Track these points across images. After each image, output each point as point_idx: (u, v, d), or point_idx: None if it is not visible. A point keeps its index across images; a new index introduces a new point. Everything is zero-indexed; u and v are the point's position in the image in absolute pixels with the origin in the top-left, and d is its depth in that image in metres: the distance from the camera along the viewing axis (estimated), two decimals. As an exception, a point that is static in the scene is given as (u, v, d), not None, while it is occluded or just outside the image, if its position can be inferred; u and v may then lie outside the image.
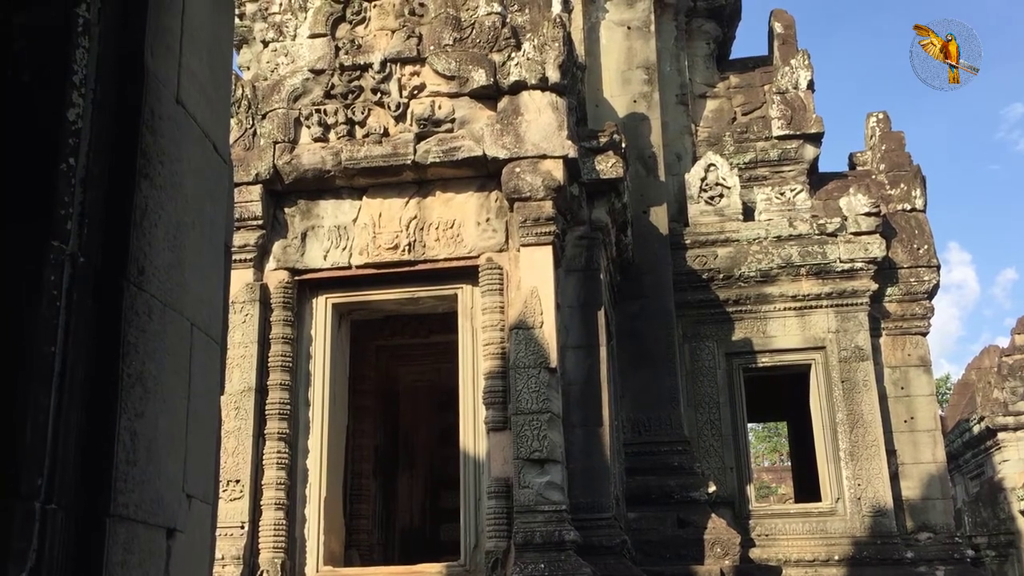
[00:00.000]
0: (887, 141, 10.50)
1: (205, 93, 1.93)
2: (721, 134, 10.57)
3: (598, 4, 10.22)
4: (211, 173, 1.96)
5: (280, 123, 7.36)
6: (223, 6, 2.07)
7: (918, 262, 9.90)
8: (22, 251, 1.46)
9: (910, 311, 9.90)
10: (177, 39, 1.82)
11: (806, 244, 9.71)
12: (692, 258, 9.82)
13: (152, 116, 1.70)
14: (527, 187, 7.00)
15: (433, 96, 7.35)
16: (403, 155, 7.18)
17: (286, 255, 7.34)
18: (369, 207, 7.40)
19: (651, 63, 10.07)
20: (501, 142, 7.10)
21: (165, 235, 1.72)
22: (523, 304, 6.93)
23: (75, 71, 1.55)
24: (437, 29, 7.39)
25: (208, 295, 1.93)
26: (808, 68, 10.35)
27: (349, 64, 7.41)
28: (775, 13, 10.99)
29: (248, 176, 7.25)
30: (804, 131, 10.21)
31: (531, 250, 7.10)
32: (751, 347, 9.80)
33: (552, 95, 7.25)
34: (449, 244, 7.26)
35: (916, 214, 10.14)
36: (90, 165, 1.56)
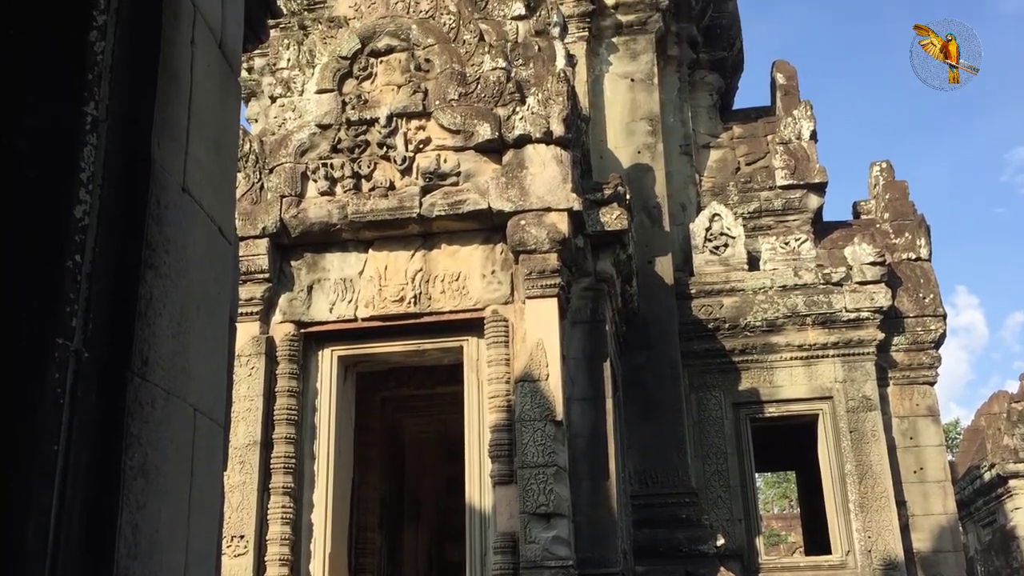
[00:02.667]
0: (891, 190, 10.54)
1: (211, 178, 1.96)
2: (725, 184, 10.63)
3: (602, 57, 10.34)
4: (216, 257, 1.98)
5: (287, 177, 7.43)
6: (230, 92, 2.10)
7: (924, 311, 9.89)
8: (26, 349, 1.47)
9: (917, 360, 9.87)
10: (184, 128, 1.85)
11: (812, 294, 9.71)
12: (698, 308, 9.82)
13: (158, 206, 1.72)
14: (532, 240, 7.03)
15: (439, 150, 7.41)
16: (409, 208, 7.23)
17: (292, 308, 7.37)
18: (375, 260, 7.44)
19: (655, 114, 10.16)
20: (506, 195, 7.15)
21: (170, 323, 1.74)
22: (529, 356, 6.93)
23: (83, 168, 1.58)
24: (443, 84, 7.48)
25: (212, 378, 1.94)
26: (811, 119, 10.43)
27: (356, 119, 7.49)
28: (777, 64, 11.10)
29: (255, 230, 7.30)
30: (808, 181, 10.26)
31: (536, 302, 7.11)
32: (758, 397, 9.76)
33: (556, 148, 7.31)
34: (455, 297, 7.29)
35: (921, 263, 10.14)
36: (96, 260, 1.58)
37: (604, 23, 10.36)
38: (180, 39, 1.86)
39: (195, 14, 1.94)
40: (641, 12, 10.28)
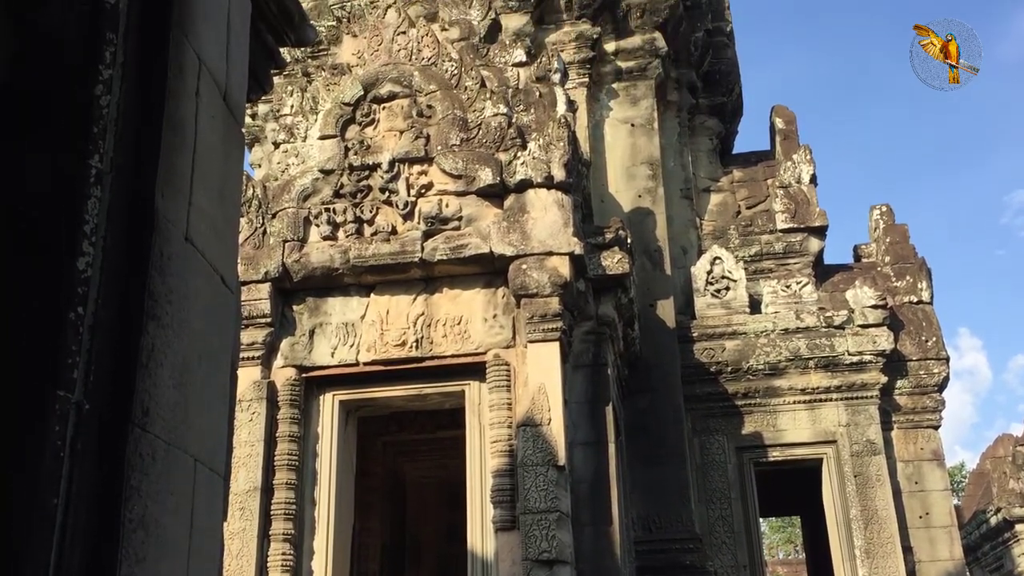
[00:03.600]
0: (891, 234, 10.58)
1: (214, 227, 1.97)
2: (726, 227, 10.67)
3: (602, 103, 10.44)
4: (218, 306, 1.98)
5: (290, 222, 7.46)
6: (233, 142, 2.12)
7: (927, 355, 9.86)
8: (27, 401, 1.47)
9: (921, 404, 9.82)
10: (187, 179, 1.87)
11: (814, 337, 9.70)
12: (700, 351, 9.80)
13: (161, 257, 1.73)
14: (534, 284, 7.04)
15: (440, 195, 7.45)
16: (411, 253, 7.25)
17: (294, 352, 7.36)
18: (377, 304, 7.45)
19: (655, 159, 10.23)
20: (508, 239, 7.17)
21: (171, 374, 1.74)
22: (531, 401, 6.91)
23: (86, 221, 1.59)
24: (444, 130, 7.54)
25: (213, 428, 1.93)
26: (810, 163, 10.50)
27: (358, 164, 7.54)
28: (776, 109, 11.20)
29: (257, 274, 7.32)
30: (808, 224, 10.31)
31: (538, 346, 7.10)
32: (762, 441, 9.71)
33: (558, 193, 7.35)
34: (456, 341, 7.28)
35: (923, 306, 10.14)
36: (98, 312, 1.59)
37: (604, 69, 10.47)
38: (185, 91, 1.88)
39: (200, 66, 1.96)
40: (641, 58, 10.40)
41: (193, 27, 1.94)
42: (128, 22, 1.74)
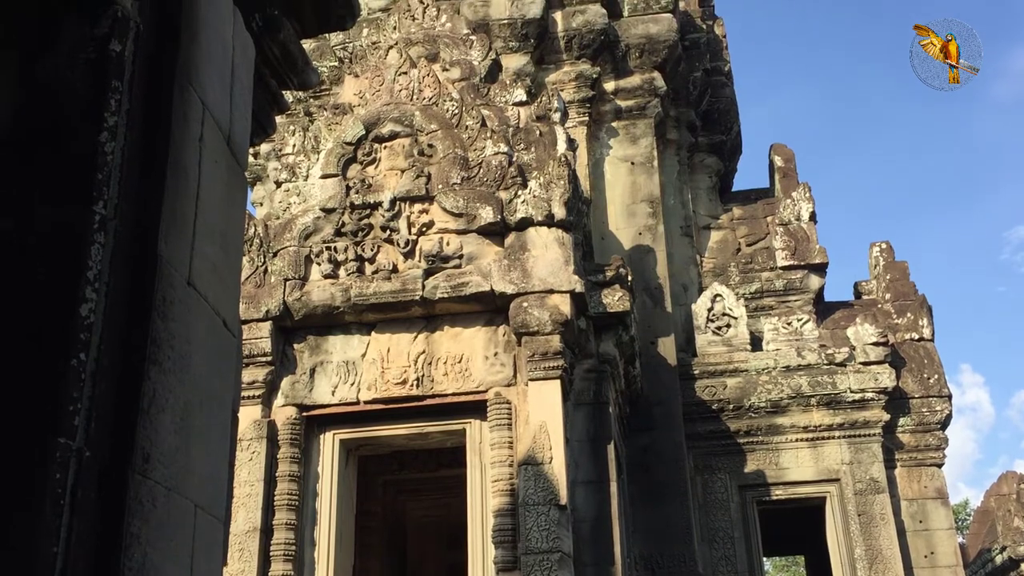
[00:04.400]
0: (891, 271, 10.59)
1: (216, 271, 1.98)
2: (726, 265, 10.69)
3: (602, 141, 10.50)
4: (220, 349, 1.98)
5: (291, 260, 7.48)
6: (236, 186, 2.14)
7: (929, 392, 9.84)
8: (28, 448, 1.47)
9: (924, 442, 9.78)
10: (191, 224, 1.88)
11: (815, 374, 9.68)
12: (701, 389, 9.78)
13: (164, 302, 1.74)
14: (535, 322, 7.04)
15: (441, 233, 7.48)
16: (411, 291, 7.25)
17: (294, 391, 7.34)
18: (378, 342, 7.44)
19: (655, 196, 10.28)
20: (508, 277, 7.18)
21: (172, 419, 1.74)
22: (532, 439, 6.88)
23: (90, 267, 1.59)
24: (445, 168, 7.58)
25: (213, 472, 1.93)
26: (809, 200, 10.55)
27: (359, 203, 7.57)
28: (775, 147, 11.27)
29: (258, 313, 7.32)
30: (808, 262, 10.32)
31: (539, 384, 7.08)
32: (764, 479, 9.64)
33: (558, 231, 7.37)
34: (457, 379, 7.27)
35: (924, 343, 10.13)
36: (100, 358, 1.59)
37: (604, 108, 10.55)
38: (189, 137, 1.89)
39: (204, 112, 1.98)
40: (640, 98, 10.48)
41: (197, 74, 1.96)
42: (133, 70, 1.76)
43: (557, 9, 10.42)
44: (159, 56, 1.85)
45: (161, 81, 1.84)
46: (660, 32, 10.45)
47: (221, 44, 2.11)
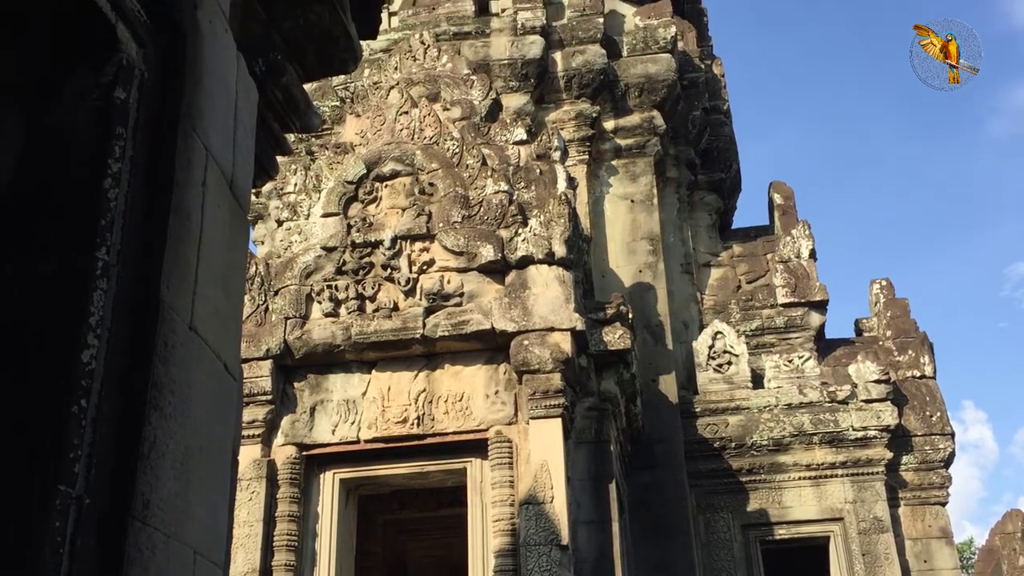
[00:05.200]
0: (892, 308, 10.60)
1: (218, 315, 1.98)
2: (727, 302, 10.69)
3: (602, 179, 10.56)
4: (221, 394, 1.98)
5: (292, 299, 7.49)
6: (238, 230, 2.15)
7: (931, 430, 9.79)
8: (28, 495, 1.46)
9: (927, 480, 9.72)
10: (193, 268, 1.89)
11: (817, 412, 9.64)
12: (703, 426, 9.74)
13: (165, 347, 1.74)
14: (536, 360, 7.04)
15: (442, 271, 7.49)
16: (412, 329, 7.26)
17: (294, 430, 7.31)
18: (378, 381, 7.43)
19: (655, 234, 10.31)
20: (509, 315, 7.19)
21: (172, 465, 1.73)
22: (533, 478, 6.84)
23: (92, 313, 1.60)
24: (446, 207, 7.61)
25: (213, 517, 1.92)
26: (809, 238, 10.58)
27: (360, 241, 7.60)
28: (774, 185, 11.33)
29: (259, 351, 7.31)
30: (809, 299, 10.33)
31: (540, 423, 7.06)
32: (767, 518, 9.57)
33: (559, 269, 7.39)
34: (458, 417, 7.25)
35: (927, 381, 10.10)
36: (101, 404, 1.59)
37: (604, 146, 10.62)
38: (192, 182, 1.91)
39: (207, 157, 2.00)
40: (640, 136, 10.55)
41: (201, 119, 1.98)
42: (138, 116, 1.78)
43: (557, 49, 10.53)
44: (163, 102, 1.87)
45: (165, 127, 1.85)
46: (659, 72, 10.54)
47: (224, 89, 2.14)
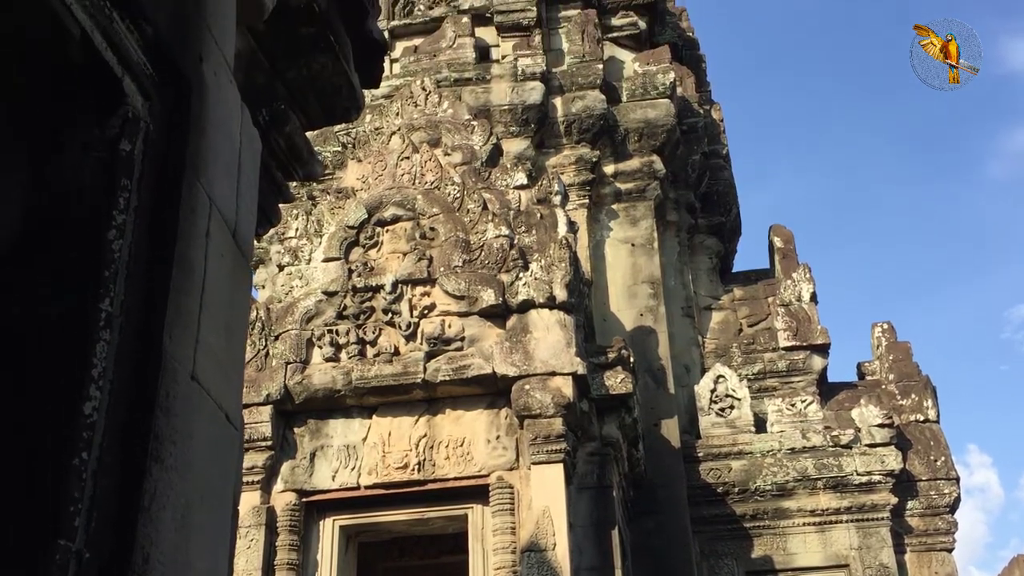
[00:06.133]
0: (894, 351, 10.58)
1: (220, 364, 1.98)
2: (728, 345, 10.67)
3: (602, 223, 10.60)
4: (222, 444, 1.97)
5: (292, 344, 7.48)
6: (241, 278, 2.15)
7: (936, 475, 9.72)
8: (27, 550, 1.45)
9: (933, 526, 9.62)
10: (195, 318, 1.89)
11: (821, 456, 9.58)
12: (706, 471, 9.67)
13: (167, 397, 1.73)
14: (537, 404, 7.02)
15: (443, 315, 7.50)
16: (413, 374, 7.25)
17: (294, 476, 7.27)
18: (379, 426, 7.40)
19: (656, 278, 10.32)
20: (510, 360, 7.18)
21: (173, 517, 1.72)
22: (535, 525, 6.79)
23: (95, 365, 1.60)
24: (447, 251, 7.64)
25: (213, 569, 1.90)
26: (810, 281, 10.59)
27: (361, 286, 7.61)
28: (774, 228, 11.37)
29: (259, 397, 7.29)
30: (810, 342, 10.32)
31: (542, 468, 7.03)
32: (772, 565, 9.46)
33: (560, 313, 7.40)
34: (459, 463, 7.21)
35: (930, 425, 10.06)
36: (102, 456, 1.58)
37: (604, 191, 10.68)
38: (195, 232, 1.92)
39: (211, 206, 2.01)
40: (640, 180, 10.62)
41: (205, 169, 1.99)
42: (143, 168, 1.79)
43: (557, 95, 10.63)
44: (168, 153, 1.89)
45: (169, 178, 1.87)
46: (658, 117, 10.64)
47: (229, 140, 2.15)
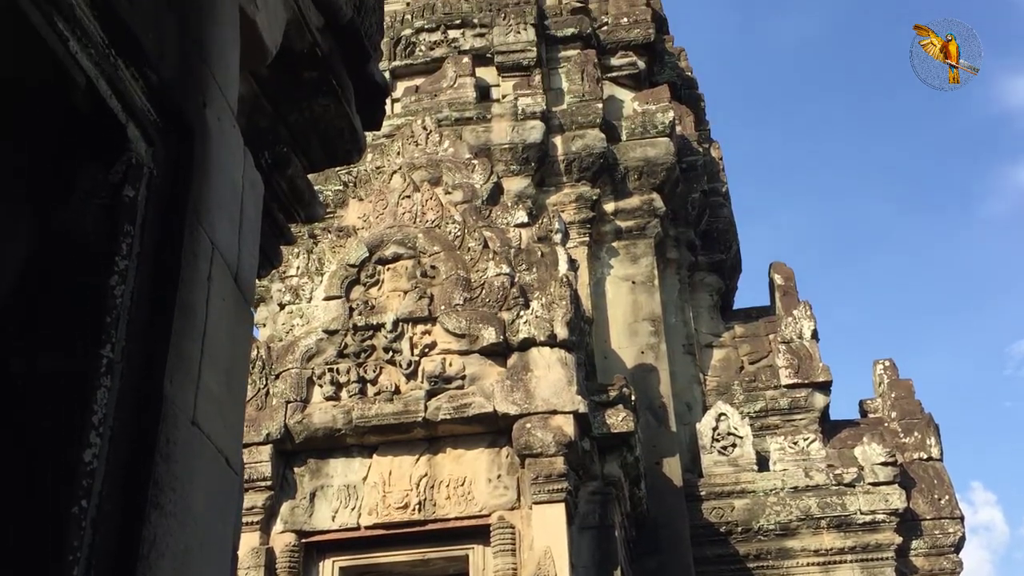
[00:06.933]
0: (896, 389, 10.55)
1: (221, 409, 1.98)
2: (730, 383, 10.65)
3: (603, 261, 10.62)
4: (222, 489, 1.96)
5: (293, 383, 7.46)
6: (242, 322, 2.15)
7: (941, 514, 9.65)
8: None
9: (938, 566, 9.53)
10: (196, 362, 1.89)
11: (824, 495, 9.51)
12: (708, 510, 9.60)
13: (167, 443, 1.73)
14: (538, 443, 6.99)
15: (444, 354, 7.49)
16: (414, 412, 7.22)
17: (294, 516, 7.22)
18: (379, 465, 7.36)
19: (657, 315, 10.32)
20: (511, 398, 7.16)
21: (172, 564, 1.70)
22: (536, 566, 6.73)
23: (95, 411, 1.59)
24: (448, 290, 7.65)
25: (212, 617, 1.88)
26: (811, 318, 10.59)
27: (362, 324, 7.61)
28: (774, 266, 11.38)
29: (259, 436, 7.26)
30: (812, 380, 10.29)
31: (543, 508, 6.98)
32: (777, 606, 9.36)
33: (561, 351, 7.39)
34: (460, 502, 7.16)
35: (934, 463, 10.00)
36: (102, 503, 1.57)
37: (604, 228, 10.71)
38: (197, 277, 1.92)
39: (213, 251, 2.01)
40: (640, 218, 10.65)
41: (208, 214, 2.00)
42: (146, 213, 1.80)
43: (557, 134, 10.70)
44: (171, 198, 1.90)
45: (172, 222, 1.88)
46: (658, 155, 10.70)
47: (231, 184, 2.17)
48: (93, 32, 1.69)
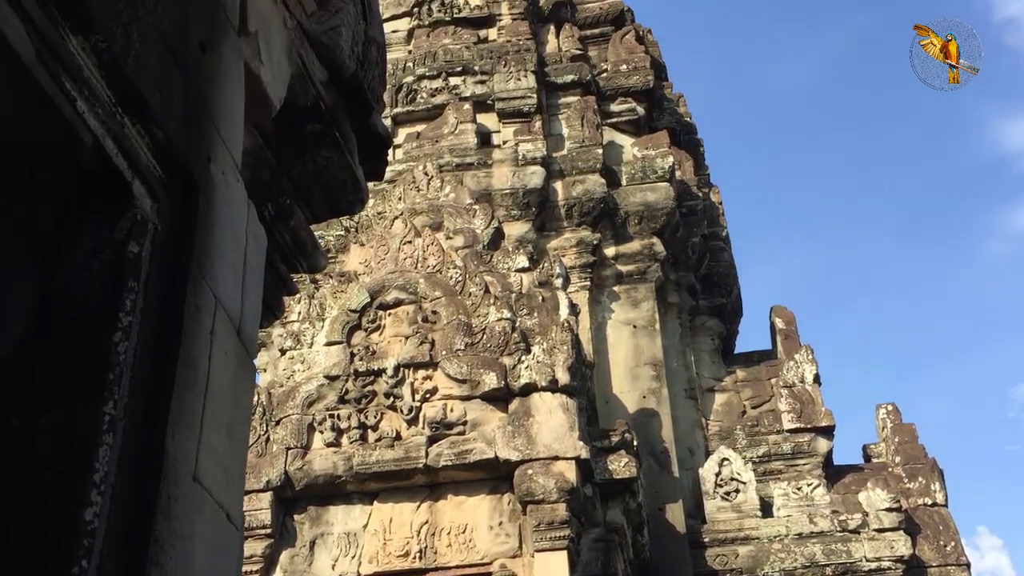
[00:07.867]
0: (899, 433, 10.49)
1: (222, 463, 1.97)
2: (732, 428, 10.59)
3: (604, 305, 10.63)
4: (223, 545, 1.95)
5: (293, 429, 7.44)
6: (245, 375, 2.16)
7: (947, 560, 9.53)
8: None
9: (946, 614, 9.40)
10: (198, 417, 1.88)
11: (829, 542, 9.40)
12: (712, 557, 9.48)
13: (168, 500, 1.72)
14: (540, 490, 6.94)
15: (445, 399, 7.47)
16: (415, 459, 7.19)
17: (294, 565, 7.15)
18: (380, 512, 7.31)
19: (658, 359, 10.30)
20: (513, 444, 7.13)
21: (171, 623, 1.69)
22: (539, 614, 6.65)
23: (97, 470, 1.59)
24: (449, 335, 7.65)
25: (211, 677, 1.86)
26: (812, 363, 10.56)
27: (363, 370, 7.60)
28: (775, 309, 11.38)
29: (259, 483, 7.22)
30: (815, 424, 10.23)
31: (546, 555, 6.92)
32: (781, 655, 9.21)
33: (562, 396, 7.37)
34: (461, 550, 7.10)
35: (938, 509, 9.91)
36: (103, 563, 1.56)
37: (605, 273, 10.73)
38: (200, 331, 1.93)
39: (216, 305, 2.02)
40: (640, 263, 10.68)
41: (211, 268, 2.01)
42: (150, 268, 1.81)
43: (557, 179, 10.77)
44: (174, 252, 1.91)
45: (176, 276, 1.88)
46: (658, 200, 10.75)
47: (235, 237, 2.18)
48: (100, 91, 1.72)
